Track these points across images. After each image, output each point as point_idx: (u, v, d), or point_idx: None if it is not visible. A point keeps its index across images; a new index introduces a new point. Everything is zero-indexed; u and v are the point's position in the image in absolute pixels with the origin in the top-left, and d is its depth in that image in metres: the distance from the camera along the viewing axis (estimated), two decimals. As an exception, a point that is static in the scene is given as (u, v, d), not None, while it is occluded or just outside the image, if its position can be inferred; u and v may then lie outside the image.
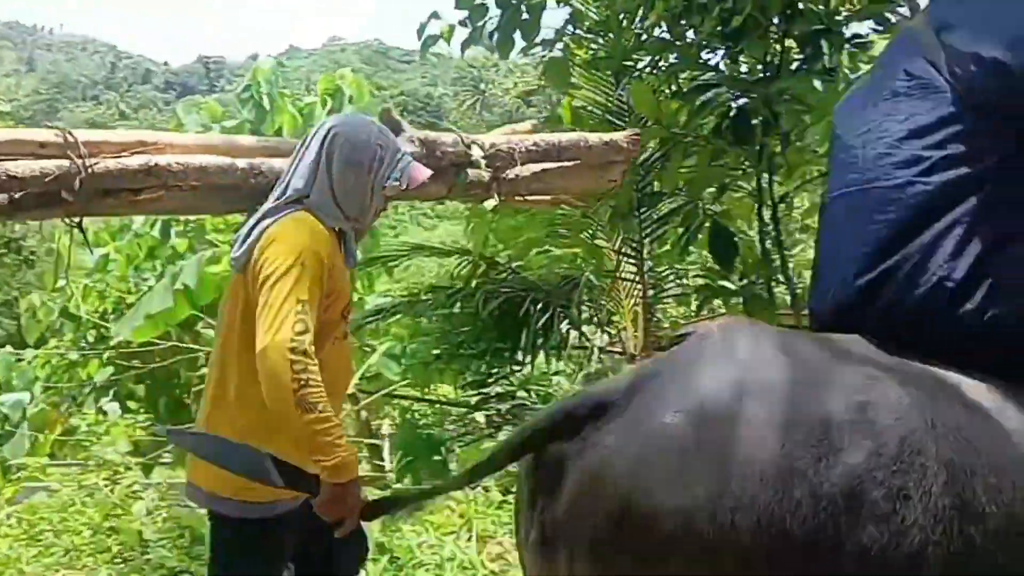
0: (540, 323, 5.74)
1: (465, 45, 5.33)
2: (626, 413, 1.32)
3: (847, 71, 4.73)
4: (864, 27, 4.82)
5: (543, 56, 5.45)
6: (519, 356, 5.86)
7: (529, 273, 6.01)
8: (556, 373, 6.88)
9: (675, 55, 4.78)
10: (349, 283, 2.24)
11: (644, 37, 4.92)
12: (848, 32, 4.57)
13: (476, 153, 2.85)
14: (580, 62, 5.33)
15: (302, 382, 1.85)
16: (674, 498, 1.23)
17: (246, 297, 2.06)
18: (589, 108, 5.46)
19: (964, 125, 1.49)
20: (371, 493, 2.84)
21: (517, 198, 3.23)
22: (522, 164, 2.98)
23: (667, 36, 4.76)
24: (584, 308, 6.01)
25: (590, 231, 5.89)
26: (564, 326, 5.88)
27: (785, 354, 1.36)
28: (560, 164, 3.12)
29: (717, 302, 6.18)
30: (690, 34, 4.72)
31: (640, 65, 5.12)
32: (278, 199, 2.14)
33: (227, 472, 1.95)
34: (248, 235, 2.10)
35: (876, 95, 1.64)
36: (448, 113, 49.05)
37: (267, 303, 1.92)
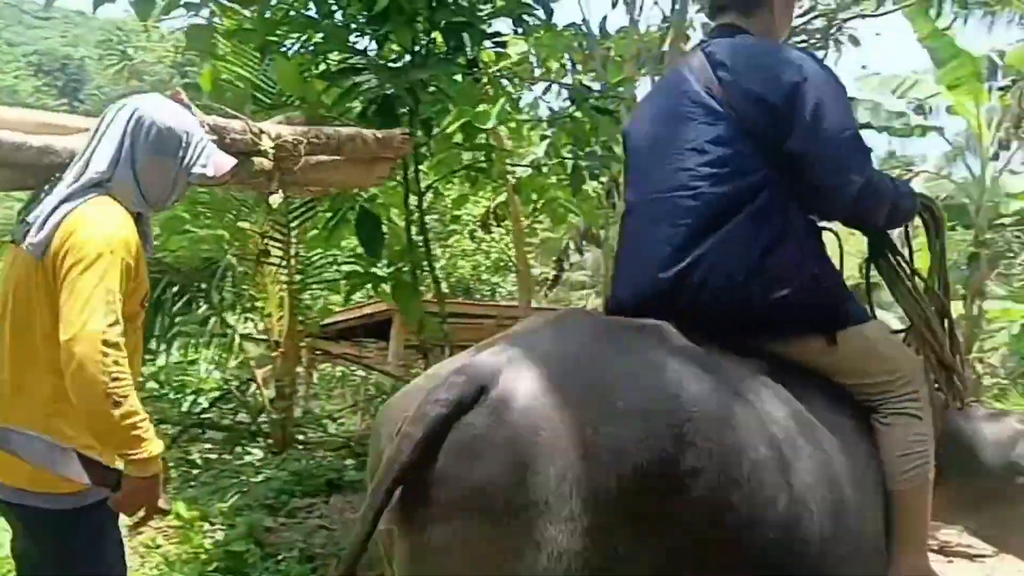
0: (176, 308, 5.39)
1: (98, 2, 4.82)
2: (490, 399, 1.54)
3: (488, 65, 4.95)
4: (505, 25, 5.09)
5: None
6: (152, 345, 5.44)
7: (166, 254, 5.58)
8: (192, 362, 6.48)
9: (322, 35, 4.68)
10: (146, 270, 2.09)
11: (292, 13, 4.76)
12: (490, 28, 4.80)
13: (266, 143, 2.76)
14: (224, 32, 5.04)
15: (113, 375, 1.78)
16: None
17: (46, 285, 1.90)
18: (234, 81, 5.18)
19: (739, 146, 1.87)
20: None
21: (293, 189, 3.20)
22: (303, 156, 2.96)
23: (314, 15, 4.64)
24: (227, 293, 5.73)
25: (234, 212, 5.60)
26: (203, 312, 5.57)
27: (607, 340, 1.72)
28: (335, 158, 3.12)
29: (367, 288, 6.21)
30: (339, 15, 4.66)
31: (288, 42, 4.95)
32: (77, 181, 1.97)
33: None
34: (47, 219, 1.91)
35: (665, 117, 2.01)
36: (92, 78, 44.75)
37: (75, 292, 1.82)
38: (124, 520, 2.05)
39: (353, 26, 4.59)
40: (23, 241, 1.93)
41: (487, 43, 4.79)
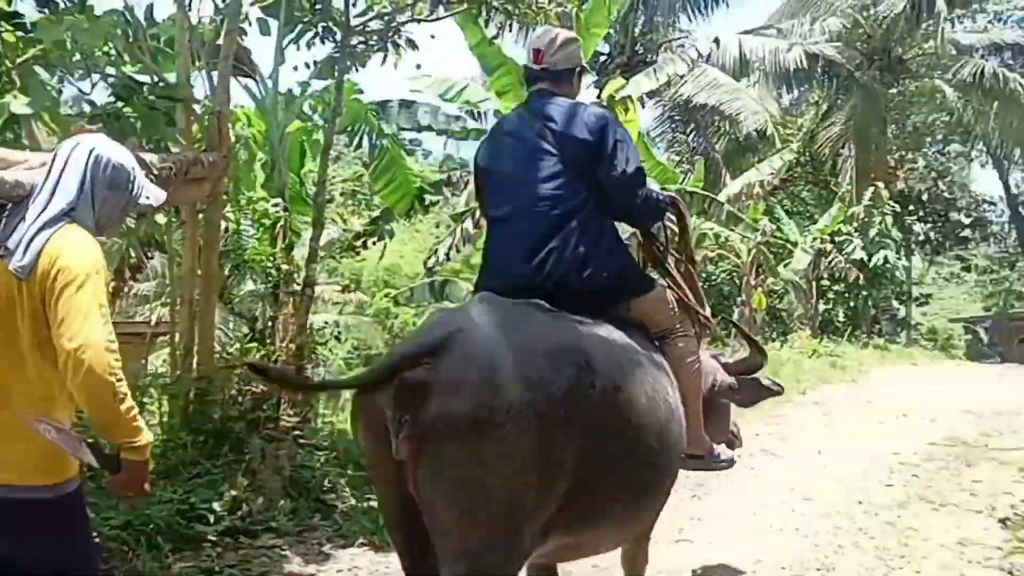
0: None
1: None
2: (446, 355, 2.21)
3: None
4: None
5: None
6: None
7: None
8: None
9: None
10: None
11: None
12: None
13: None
14: None
15: (117, 376, 2.14)
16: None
17: (31, 303, 2.18)
18: None
19: (567, 177, 2.82)
20: None
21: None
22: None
23: None
24: None
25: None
26: None
27: (517, 311, 2.49)
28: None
29: None
30: None
31: None
32: (45, 211, 2.25)
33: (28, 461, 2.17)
34: (29, 244, 2.19)
35: (514, 155, 2.92)
36: None
37: (73, 308, 2.14)
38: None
39: None
40: (10, 264, 2.16)
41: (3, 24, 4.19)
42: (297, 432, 5.46)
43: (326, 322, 9.81)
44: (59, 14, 4.53)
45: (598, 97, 11.00)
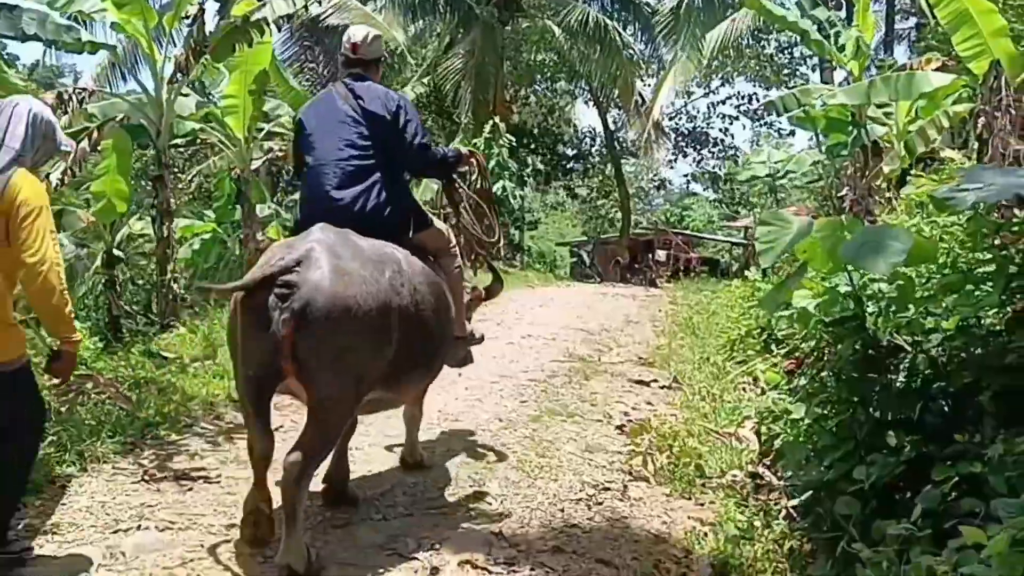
0: None
1: None
2: (307, 265, 3.28)
3: None
4: None
5: None
6: None
7: None
8: None
9: None
10: None
11: None
12: None
13: None
14: None
15: (63, 284, 3.11)
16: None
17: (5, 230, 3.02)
18: None
19: (369, 142, 3.86)
20: None
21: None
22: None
23: None
24: None
25: None
26: None
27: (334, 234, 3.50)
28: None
29: None
30: None
31: None
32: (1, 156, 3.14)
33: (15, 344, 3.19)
34: None
35: (328, 119, 3.94)
36: None
37: (34, 231, 3.03)
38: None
39: None
40: None
41: None
42: None
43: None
44: None
45: (226, 16, 10.31)
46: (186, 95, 9.73)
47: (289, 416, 5.19)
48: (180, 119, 9.59)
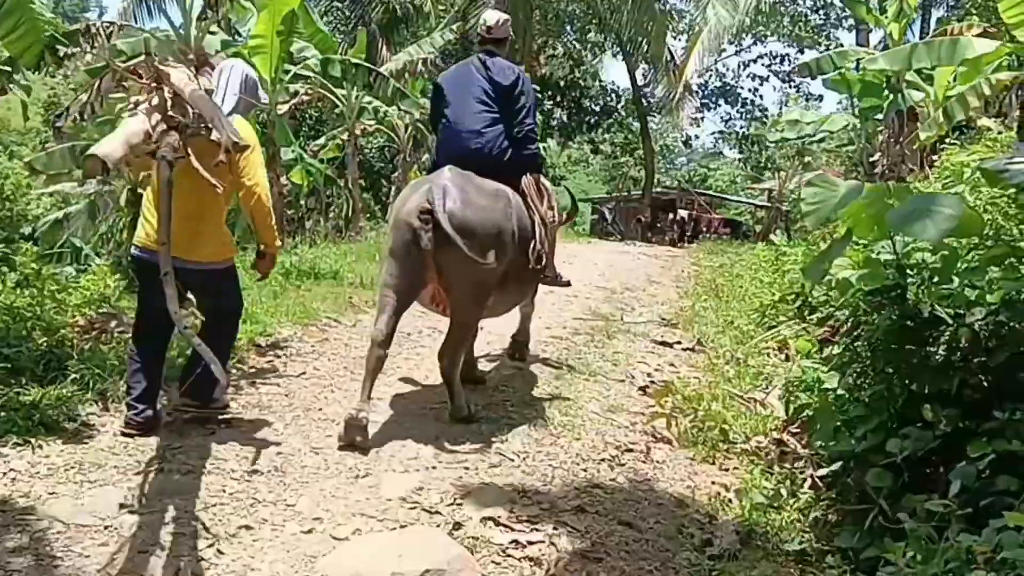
0: None
1: None
2: (446, 198, 4.32)
3: None
4: None
5: None
6: None
7: None
8: None
9: None
10: None
11: None
12: None
13: None
14: None
15: (270, 204, 4.21)
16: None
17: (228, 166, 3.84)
18: None
19: (496, 104, 4.87)
20: None
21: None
22: None
23: None
24: None
25: None
26: None
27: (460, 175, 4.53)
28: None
29: None
30: None
31: None
32: (223, 106, 4.09)
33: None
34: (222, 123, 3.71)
35: (465, 83, 4.96)
36: None
37: (251, 164, 4.03)
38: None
39: None
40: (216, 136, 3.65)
41: None
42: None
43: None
44: None
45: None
46: (214, 33, 9.59)
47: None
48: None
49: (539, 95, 20.59)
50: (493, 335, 6.37)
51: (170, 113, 3.70)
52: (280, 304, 7.06)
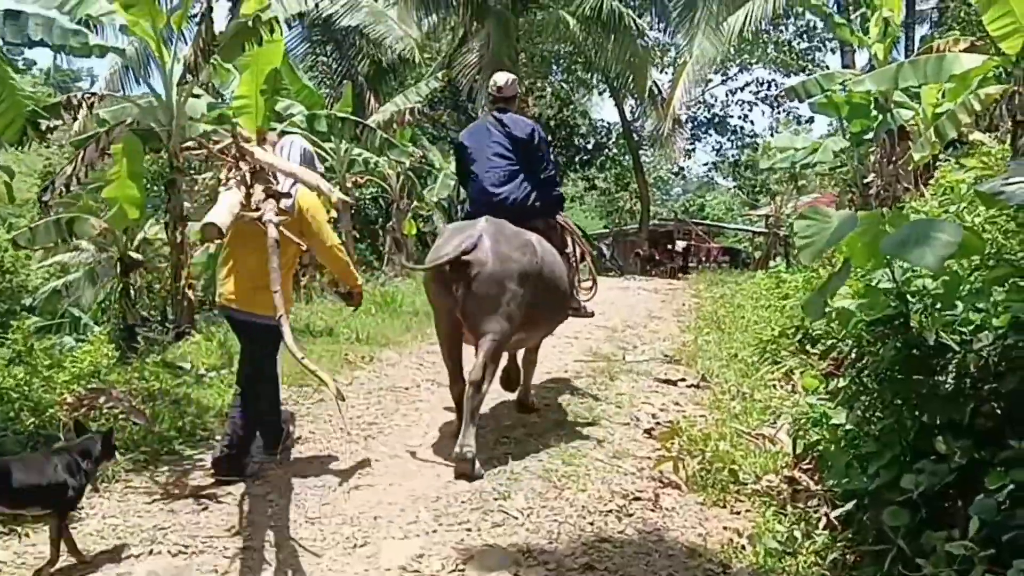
0: None
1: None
2: (477, 249, 4.87)
3: None
4: None
5: None
6: None
7: None
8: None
9: None
10: None
11: None
12: None
13: None
14: None
15: (346, 257, 4.90)
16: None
17: (297, 227, 4.45)
18: None
19: (515, 156, 5.44)
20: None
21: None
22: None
23: None
24: None
25: None
26: None
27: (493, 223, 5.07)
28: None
29: None
30: None
31: None
32: (287, 180, 4.53)
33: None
34: (290, 196, 4.48)
35: (485, 141, 5.48)
36: None
37: (323, 228, 4.71)
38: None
39: None
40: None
41: None
42: None
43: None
44: None
45: (236, 16, 10.16)
46: (197, 96, 9.58)
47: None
48: (192, 121, 9.45)
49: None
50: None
51: (270, 184, 4.35)
52: (275, 366, 6.94)
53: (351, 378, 6.94)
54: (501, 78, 5.71)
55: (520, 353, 6.01)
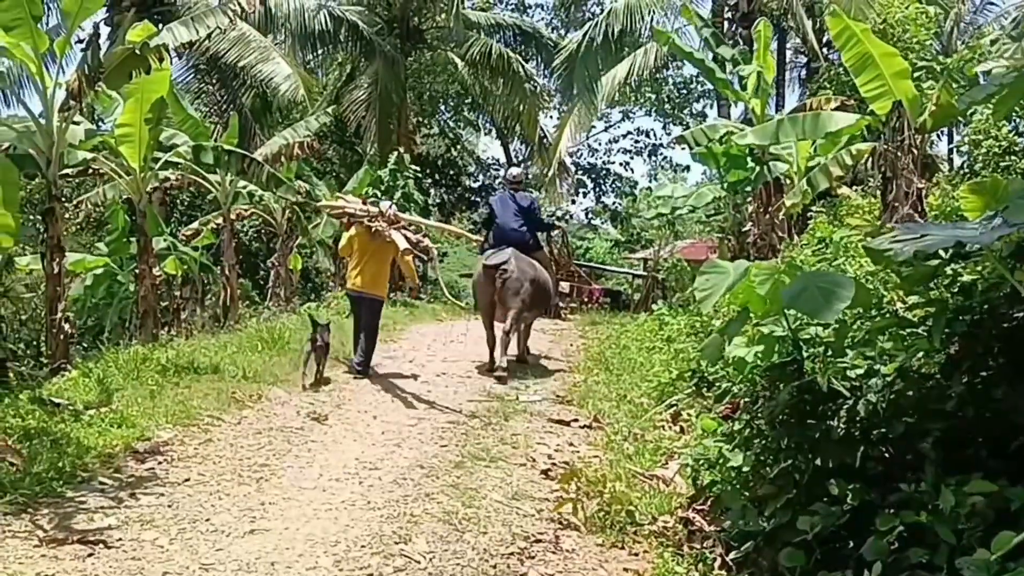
0: None
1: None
2: (508, 263, 9.36)
3: None
4: None
5: None
6: None
7: None
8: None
9: None
10: None
11: None
12: None
13: None
14: None
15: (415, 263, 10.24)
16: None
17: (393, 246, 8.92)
18: None
19: (523, 219, 10.01)
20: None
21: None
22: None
23: None
24: None
25: None
26: None
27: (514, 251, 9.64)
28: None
29: None
30: None
31: None
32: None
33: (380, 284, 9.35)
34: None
35: (508, 208, 10.08)
36: None
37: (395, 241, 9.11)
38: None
39: None
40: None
41: None
42: None
43: None
44: None
45: (118, 41, 9.80)
46: (77, 123, 9.17)
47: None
48: (71, 148, 9.02)
49: (419, 175, 20.65)
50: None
51: (417, 239, 9.13)
52: (158, 404, 6.63)
53: (239, 417, 6.70)
54: (514, 171, 10.97)
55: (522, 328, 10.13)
